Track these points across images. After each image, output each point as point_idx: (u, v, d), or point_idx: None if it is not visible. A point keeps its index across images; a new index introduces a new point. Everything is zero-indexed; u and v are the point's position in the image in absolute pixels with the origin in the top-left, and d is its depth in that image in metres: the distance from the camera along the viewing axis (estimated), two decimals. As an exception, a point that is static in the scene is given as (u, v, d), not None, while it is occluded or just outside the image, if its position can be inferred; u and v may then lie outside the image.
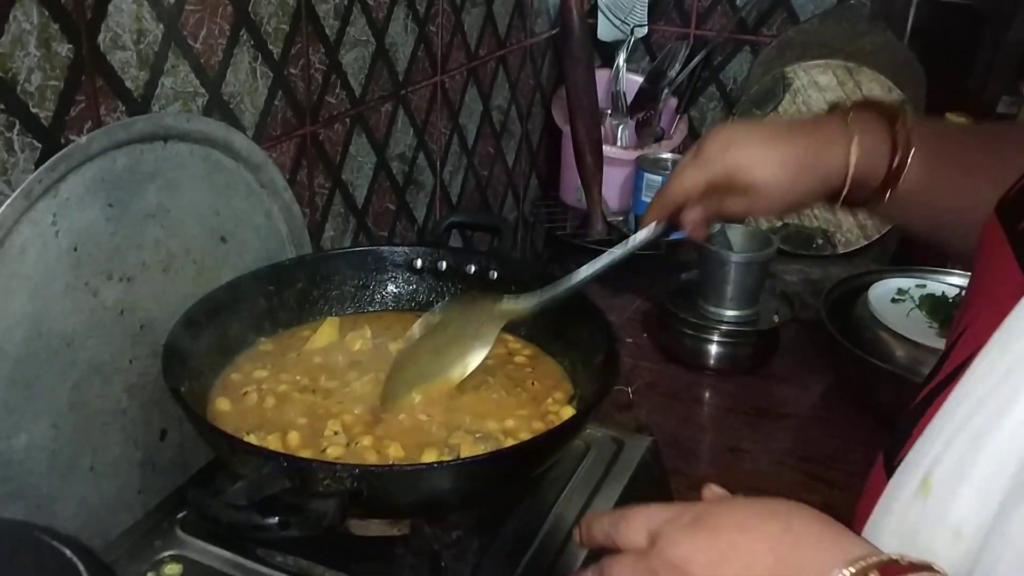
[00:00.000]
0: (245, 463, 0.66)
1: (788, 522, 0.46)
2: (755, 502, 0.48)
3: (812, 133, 0.72)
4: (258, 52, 0.89)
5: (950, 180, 0.71)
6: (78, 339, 0.73)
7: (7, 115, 0.66)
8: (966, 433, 0.41)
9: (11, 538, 0.51)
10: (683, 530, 0.48)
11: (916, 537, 0.41)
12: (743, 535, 0.46)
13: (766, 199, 0.72)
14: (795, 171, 0.71)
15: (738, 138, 0.73)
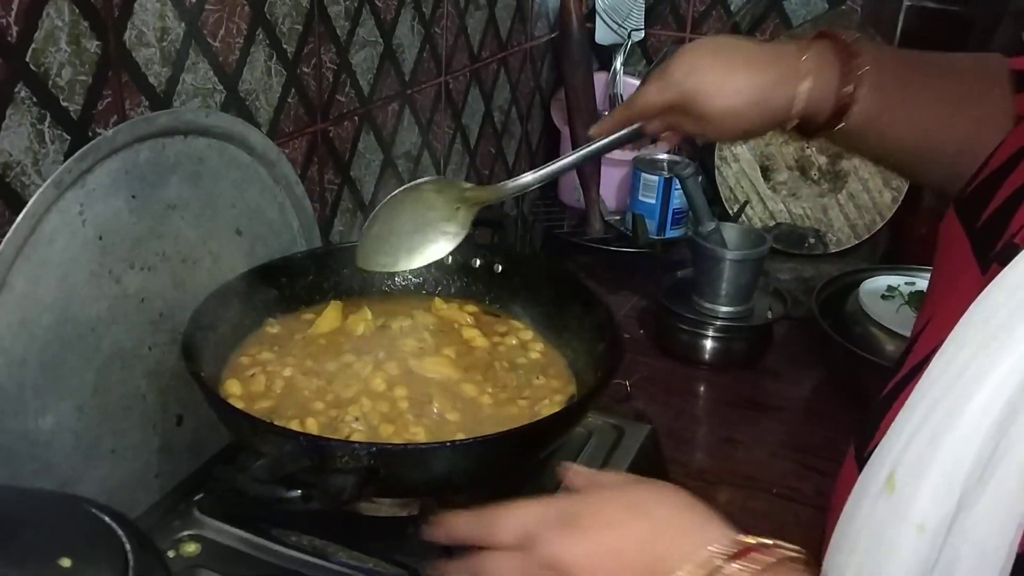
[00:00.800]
0: (267, 442, 0.68)
1: (653, 515, 0.49)
2: (622, 495, 0.51)
3: (769, 67, 0.74)
4: (273, 51, 0.92)
5: (896, 113, 0.74)
6: (101, 325, 0.76)
7: (39, 108, 0.69)
8: (925, 431, 0.42)
9: (60, 508, 0.54)
10: (555, 530, 0.50)
11: (883, 532, 0.43)
12: (612, 532, 0.49)
13: (719, 126, 0.76)
14: (748, 103, 0.74)
15: (702, 65, 0.76)
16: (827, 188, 1.50)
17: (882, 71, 0.73)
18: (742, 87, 0.74)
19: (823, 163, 1.49)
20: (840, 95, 0.72)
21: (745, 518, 1.00)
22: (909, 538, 0.41)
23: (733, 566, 0.45)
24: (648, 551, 0.47)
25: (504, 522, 0.53)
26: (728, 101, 0.74)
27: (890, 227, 1.48)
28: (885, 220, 1.47)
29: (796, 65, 0.73)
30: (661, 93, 0.77)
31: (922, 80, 0.76)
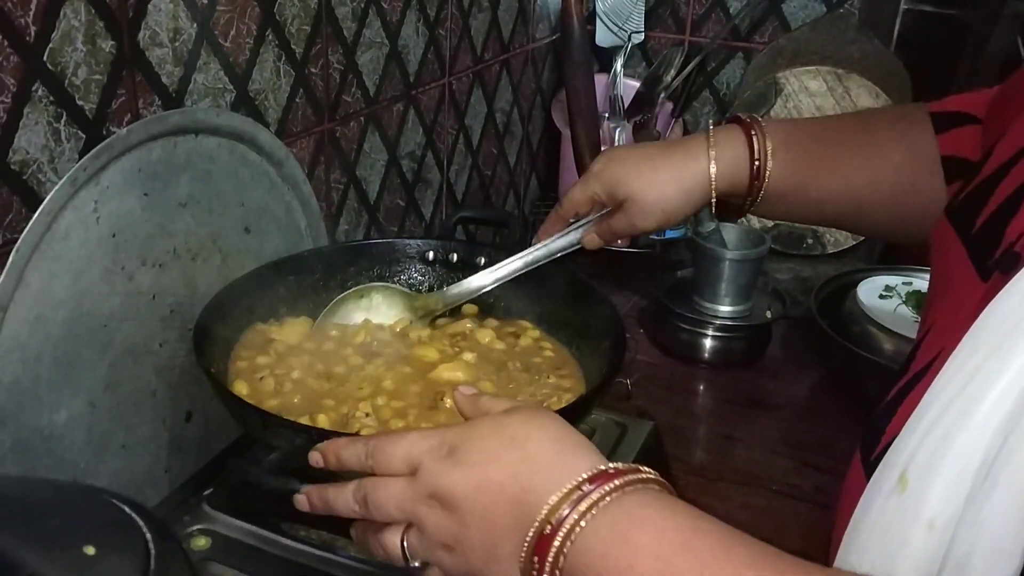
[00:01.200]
0: (278, 436, 0.69)
1: (526, 448, 0.51)
2: (499, 428, 0.53)
3: (679, 150, 0.83)
4: (282, 52, 0.94)
5: (814, 173, 0.81)
6: (114, 321, 0.77)
7: (56, 107, 0.70)
8: (937, 431, 0.44)
9: (81, 498, 0.55)
10: (442, 462, 0.52)
11: (893, 531, 0.44)
12: (491, 466, 0.51)
13: (642, 212, 0.83)
14: (664, 184, 0.82)
15: (617, 157, 0.85)
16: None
17: (792, 138, 0.81)
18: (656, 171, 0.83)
19: (821, 165, 1.50)
20: (753, 159, 0.80)
21: (744, 514, 1.02)
22: (920, 536, 0.43)
23: (594, 492, 0.47)
24: (523, 483, 0.50)
25: (392, 449, 0.55)
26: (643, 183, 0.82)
27: (887, 228, 1.49)
28: (882, 221, 1.48)
29: (703, 143, 0.82)
30: (584, 188, 0.86)
31: (837, 135, 0.83)
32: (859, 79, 1.44)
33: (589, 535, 0.47)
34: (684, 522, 0.47)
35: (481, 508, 0.50)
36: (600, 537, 0.47)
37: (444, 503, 0.51)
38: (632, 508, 0.47)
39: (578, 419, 0.81)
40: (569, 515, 0.47)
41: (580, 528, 0.47)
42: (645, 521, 0.47)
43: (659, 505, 0.48)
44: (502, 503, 0.50)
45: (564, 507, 0.47)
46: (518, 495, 0.50)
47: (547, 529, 0.48)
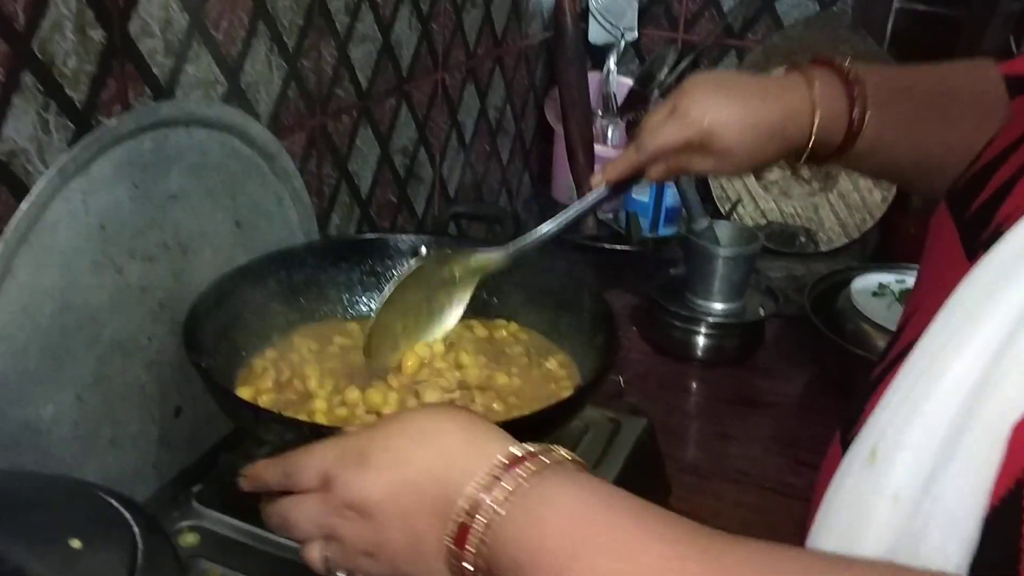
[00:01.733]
0: (269, 430, 0.69)
1: (439, 442, 0.50)
2: (408, 424, 0.52)
3: (780, 99, 0.75)
4: (274, 44, 0.93)
5: (901, 135, 0.76)
6: (102, 315, 0.76)
7: (44, 96, 0.69)
8: (906, 404, 0.43)
9: (68, 491, 0.54)
10: (352, 470, 0.51)
11: (860, 505, 0.44)
12: (404, 467, 0.50)
13: (734, 161, 0.76)
14: (766, 137, 0.75)
15: (716, 101, 0.75)
16: (818, 187, 1.51)
17: (884, 93, 0.75)
18: (759, 123, 0.75)
19: (814, 163, 1.50)
20: (850, 121, 0.74)
21: (737, 512, 1.02)
22: (885, 509, 0.42)
23: (507, 477, 0.47)
24: (440, 478, 0.49)
25: (303, 465, 0.54)
26: (745, 136, 0.75)
27: (880, 226, 1.50)
28: (875, 219, 1.48)
29: (806, 95, 0.74)
30: (678, 131, 0.76)
31: (921, 97, 0.77)
32: (852, 77, 1.44)
33: (506, 521, 0.47)
34: (595, 499, 0.47)
35: (399, 509, 0.50)
36: (515, 521, 0.46)
37: (360, 511, 0.51)
38: (544, 489, 0.47)
39: (572, 415, 0.81)
40: (486, 503, 0.47)
41: (498, 516, 0.47)
42: (556, 500, 0.47)
43: (571, 484, 0.47)
44: (419, 501, 0.49)
45: (480, 496, 0.47)
46: (435, 490, 0.49)
47: (465, 520, 0.47)
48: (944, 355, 0.43)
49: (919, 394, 0.43)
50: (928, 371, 0.43)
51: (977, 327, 0.42)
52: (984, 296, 0.43)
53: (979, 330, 0.42)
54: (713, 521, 1.03)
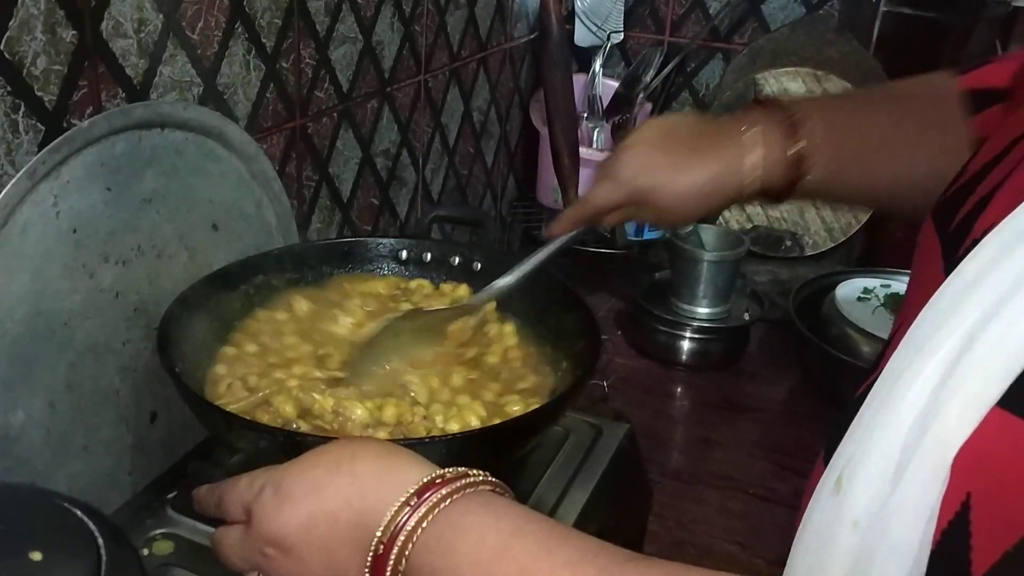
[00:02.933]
0: (242, 438, 0.67)
1: (353, 471, 0.50)
2: (322, 455, 0.53)
3: (714, 152, 0.76)
4: (252, 45, 0.92)
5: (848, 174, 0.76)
6: (75, 320, 0.75)
7: (13, 97, 0.68)
8: (868, 429, 0.43)
9: (30, 502, 0.53)
10: (269, 504, 0.51)
11: (827, 532, 0.43)
12: (319, 496, 0.50)
13: (674, 216, 0.79)
14: (701, 192, 0.76)
15: (649, 162, 0.78)
16: (804, 191, 1.51)
17: (830, 130, 0.75)
18: (693, 179, 0.76)
19: (800, 166, 1.50)
20: (789, 160, 0.74)
21: (721, 518, 1.01)
22: (846, 535, 0.42)
23: (422, 505, 0.47)
24: (355, 506, 0.49)
25: (229, 498, 0.55)
26: (681, 193, 0.77)
27: (866, 230, 1.49)
28: (861, 223, 1.47)
29: (740, 142, 0.75)
30: (613, 193, 0.79)
31: (873, 130, 0.78)
32: (838, 80, 1.44)
33: (420, 549, 0.47)
34: (505, 525, 0.47)
35: (317, 541, 0.50)
36: (429, 549, 0.47)
37: (279, 547, 0.51)
38: (456, 516, 0.47)
39: (552, 420, 0.80)
40: (400, 531, 0.47)
41: (412, 544, 0.47)
42: (467, 528, 0.47)
43: (483, 511, 0.48)
44: (338, 531, 0.49)
45: (395, 523, 0.47)
46: (352, 519, 0.49)
47: (380, 549, 0.47)
48: (903, 380, 0.42)
49: (878, 420, 0.42)
50: (888, 396, 0.42)
51: (933, 349, 0.41)
52: (943, 317, 0.42)
53: (934, 352, 0.41)
54: (696, 527, 1.03)
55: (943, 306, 0.43)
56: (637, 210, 0.80)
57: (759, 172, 0.75)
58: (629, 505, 0.95)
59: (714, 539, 0.98)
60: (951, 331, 0.41)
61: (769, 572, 0.94)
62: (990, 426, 0.37)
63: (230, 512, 0.54)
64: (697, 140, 0.78)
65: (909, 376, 0.42)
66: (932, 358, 0.41)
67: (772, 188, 0.76)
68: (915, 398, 0.41)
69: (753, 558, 0.96)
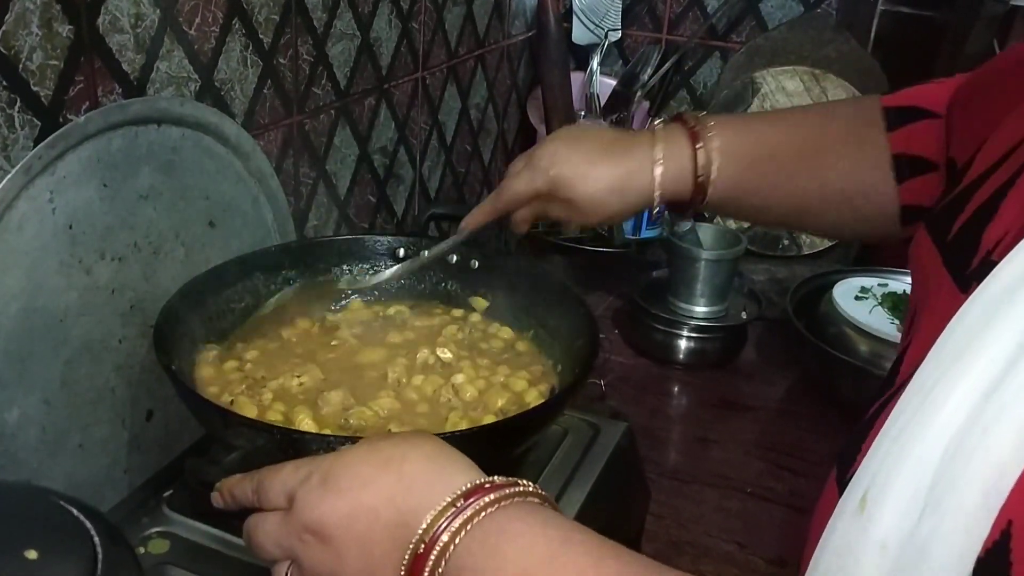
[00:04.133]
0: (239, 435, 0.67)
1: (401, 470, 0.50)
2: (373, 451, 0.52)
3: (624, 158, 0.80)
4: (249, 41, 0.91)
5: (757, 188, 0.80)
6: (70, 316, 0.74)
7: (9, 92, 0.68)
8: (895, 448, 0.42)
9: (26, 499, 0.52)
10: (314, 492, 0.51)
11: (850, 553, 0.42)
12: (365, 491, 0.50)
13: (583, 212, 0.82)
14: (608, 192, 0.80)
15: (564, 154, 0.81)
16: (801, 190, 1.51)
17: (736, 139, 0.79)
18: (601, 176, 0.80)
19: (797, 165, 1.50)
20: (696, 173, 0.78)
21: (718, 517, 1.01)
22: (872, 556, 0.41)
23: (468, 508, 0.47)
24: (399, 505, 0.49)
25: (270, 484, 0.54)
26: (590, 189, 0.80)
27: (863, 230, 1.49)
28: (858, 223, 1.47)
29: (648, 153, 0.79)
30: (528, 183, 0.82)
31: (787, 150, 0.80)
32: (836, 79, 1.44)
33: (462, 552, 0.46)
34: (554, 535, 0.47)
35: (356, 536, 0.49)
36: (472, 553, 0.46)
37: (318, 536, 0.50)
38: (504, 522, 0.47)
39: (549, 420, 0.79)
40: (443, 533, 0.47)
41: (454, 545, 0.46)
42: (515, 534, 0.46)
43: (531, 519, 0.47)
44: (378, 528, 0.49)
45: (438, 525, 0.47)
46: (394, 518, 0.48)
47: (421, 549, 0.47)
48: (933, 397, 0.41)
49: (908, 438, 0.42)
50: (918, 413, 0.42)
51: (966, 367, 0.41)
52: (973, 335, 0.42)
53: (968, 371, 0.40)
54: (693, 526, 1.03)
55: (976, 316, 0.42)
56: (550, 205, 0.83)
57: (663, 175, 0.79)
58: (627, 504, 0.94)
59: (712, 538, 0.98)
60: (987, 344, 0.40)
61: (766, 571, 0.95)
62: None
63: (270, 498, 0.53)
64: (611, 144, 0.82)
65: (942, 391, 0.41)
66: (968, 373, 0.40)
67: (680, 195, 0.80)
68: (951, 415, 0.40)
69: (750, 556, 0.95)
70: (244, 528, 0.55)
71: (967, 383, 0.40)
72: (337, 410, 0.77)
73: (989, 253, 0.47)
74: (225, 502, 0.58)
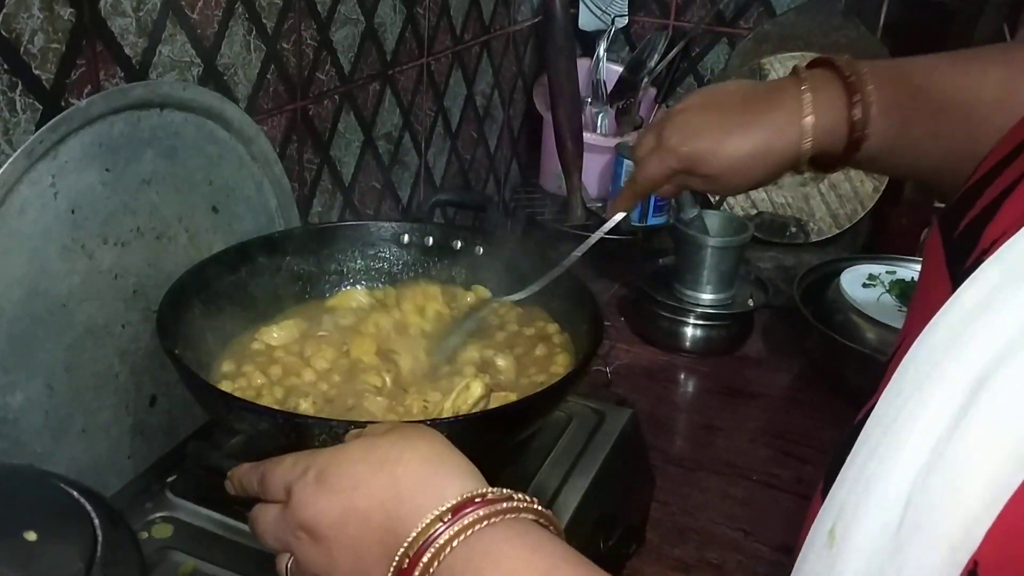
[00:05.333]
0: (242, 420, 0.67)
1: (394, 473, 0.49)
2: (370, 450, 0.51)
3: (767, 116, 0.72)
4: (252, 25, 0.91)
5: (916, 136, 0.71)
6: (73, 301, 0.74)
7: (10, 76, 0.67)
8: (861, 481, 0.39)
9: (26, 482, 0.52)
10: (309, 489, 0.50)
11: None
12: (357, 494, 0.49)
13: (725, 184, 0.77)
14: (751, 158, 0.73)
15: (695, 126, 0.75)
16: (809, 177, 1.50)
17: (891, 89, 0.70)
18: (740, 145, 0.73)
19: (805, 152, 1.49)
20: (851, 124, 0.69)
21: (724, 504, 1.01)
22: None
23: (455, 524, 0.45)
24: (389, 512, 0.48)
25: (271, 476, 0.53)
26: (729, 160, 0.73)
27: (871, 217, 1.48)
28: (866, 210, 1.47)
29: (796, 105, 0.71)
30: (661, 164, 0.77)
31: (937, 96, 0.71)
32: (844, 65, 1.43)
33: (445, 570, 0.45)
34: (541, 563, 0.45)
35: (348, 538, 0.48)
36: (454, 571, 0.45)
37: (311, 534, 0.50)
38: (490, 543, 0.45)
39: (554, 405, 0.79)
40: (428, 545, 0.45)
41: (438, 562, 0.45)
42: (499, 558, 0.45)
43: (519, 541, 0.46)
44: (369, 532, 0.48)
45: (423, 539, 0.46)
46: (384, 523, 0.47)
47: (406, 563, 0.46)
48: (901, 422, 0.38)
49: (872, 472, 0.39)
50: (880, 446, 0.39)
51: (929, 397, 0.37)
52: (941, 352, 0.38)
53: (931, 401, 0.37)
54: (699, 513, 1.02)
55: (941, 338, 0.39)
56: (689, 179, 0.78)
57: (815, 128, 0.70)
58: (632, 491, 0.94)
59: (716, 525, 0.98)
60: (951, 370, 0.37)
61: (772, 558, 0.94)
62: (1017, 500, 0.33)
63: (271, 490, 0.53)
64: (748, 104, 0.74)
65: (907, 420, 0.38)
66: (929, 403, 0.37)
67: (830, 150, 0.71)
68: (916, 448, 0.37)
69: (756, 544, 0.95)
70: (248, 517, 0.55)
71: (928, 415, 0.37)
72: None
73: (984, 253, 0.44)
74: (236, 490, 0.58)
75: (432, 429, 0.53)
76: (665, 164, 0.77)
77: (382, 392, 0.79)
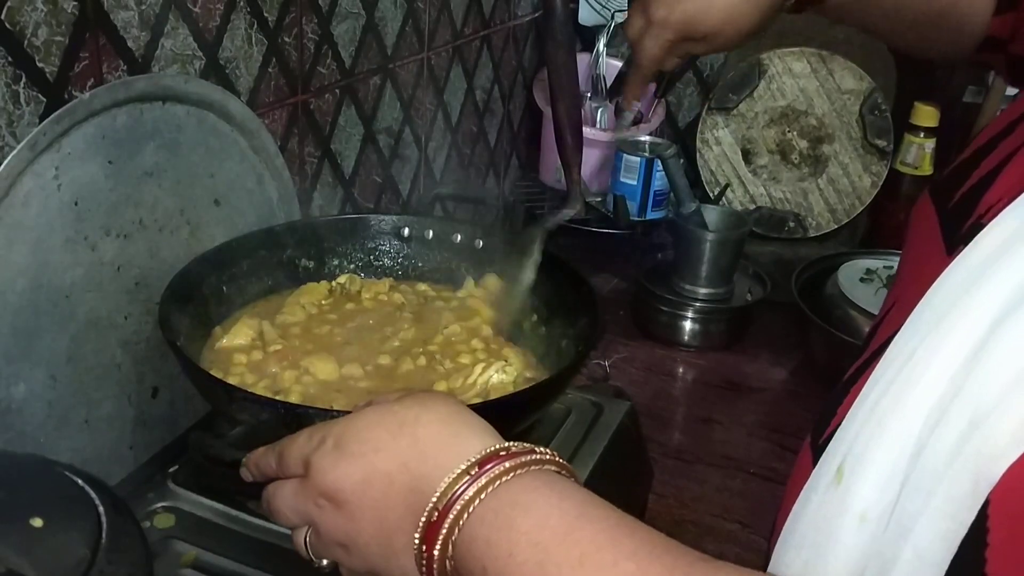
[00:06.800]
0: (243, 410, 0.67)
1: (415, 433, 0.49)
2: (387, 414, 0.51)
3: None
4: (254, 19, 0.91)
5: None
6: (76, 293, 0.75)
7: (14, 68, 0.68)
8: (874, 417, 0.41)
9: (32, 470, 0.53)
10: (328, 457, 0.50)
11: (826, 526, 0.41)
12: (378, 456, 0.49)
13: (726, 38, 0.78)
14: (745, 5, 0.76)
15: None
16: (807, 172, 1.50)
17: None
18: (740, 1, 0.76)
19: (804, 147, 1.49)
20: None
21: (721, 497, 1.01)
22: (851, 529, 0.40)
23: (482, 476, 0.46)
24: (413, 471, 0.48)
25: (288, 452, 0.53)
26: (721, 13, 0.76)
27: (869, 212, 1.49)
28: (864, 205, 1.47)
29: None
30: (657, 39, 0.79)
31: None
32: (843, 61, 1.43)
33: (475, 522, 0.45)
34: (570, 508, 0.45)
35: (371, 501, 0.49)
36: (485, 523, 0.45)
37: (333, 501, 0.50)
38: (518, 492, 0.46)
39: (552, 397, 0.80)
40: (456, 501, 0.45)
41: (467, 514, 0.45)
42: (529, 506, 0.45)
43: (547, 490, 0.46)
44: (393, 494, 0.48)
45: (451, 493, 0.46)
46: (408, 483, 0.48)
47: (435, 517, 0.46)
48: (913, 364, 0.40)
49: (886, 408, 0.40)
50: (897, 381, 0.41)
51: (946, 333, 0.39)
52: (955, 298, 0.40)
53: (948, 337, 0.39)
54: (696, 506, 1.03)
55: (958, 280, 0.41)
56: (688, 45, 0.80)
57: None
58: (629, 483, 0.95)
59: (714, 517, 0.99)
60: (967, 311, 0.39)
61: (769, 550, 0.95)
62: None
63: (288, 465, 0.53)
64: None
65: (922, 359, 0.40)
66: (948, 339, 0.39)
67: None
68: (931, 385, 0.39)
69: (753, 536, 0.96)
70: (263, 495, 0.55)
71: (947, 350, 0.39)
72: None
73: (980, 218, 0.46)
74: (253, 475, 0.58)
75: (443, 392, 0.53)
76: (661, 38, 0.79)
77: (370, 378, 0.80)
